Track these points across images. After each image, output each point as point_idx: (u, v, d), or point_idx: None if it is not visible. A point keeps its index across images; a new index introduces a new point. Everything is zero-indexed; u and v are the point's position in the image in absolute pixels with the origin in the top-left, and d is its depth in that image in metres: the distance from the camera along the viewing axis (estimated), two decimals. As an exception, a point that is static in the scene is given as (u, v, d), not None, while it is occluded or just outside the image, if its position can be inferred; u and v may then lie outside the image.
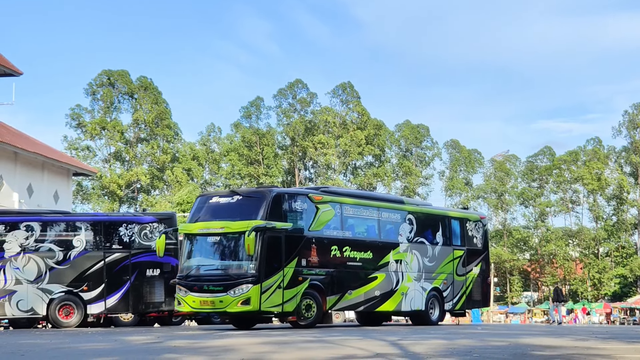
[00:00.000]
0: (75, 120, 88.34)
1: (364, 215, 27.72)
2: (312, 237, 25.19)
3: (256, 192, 25.45)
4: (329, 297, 25.48)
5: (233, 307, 23.44)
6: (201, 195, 26.49)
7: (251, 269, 23.48)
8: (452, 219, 31.20)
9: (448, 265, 30.17)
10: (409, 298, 28.30)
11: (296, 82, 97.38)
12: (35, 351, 13.61)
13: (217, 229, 24.00)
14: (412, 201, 32.93)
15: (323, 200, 25.94)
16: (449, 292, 30.15)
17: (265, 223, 23.55)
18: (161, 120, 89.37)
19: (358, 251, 26.77)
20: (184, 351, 13.37)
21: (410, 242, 28.71)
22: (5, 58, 62.21)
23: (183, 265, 24.74)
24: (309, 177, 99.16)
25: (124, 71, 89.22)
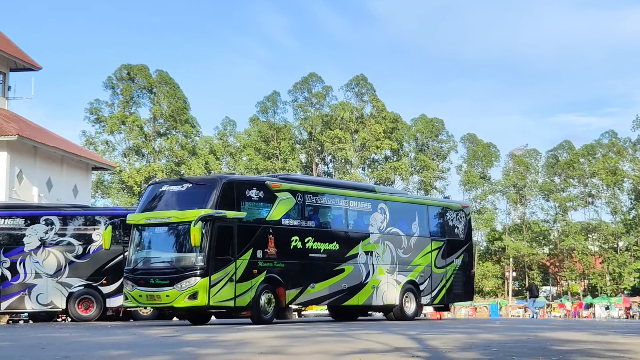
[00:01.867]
0: (94, 114, 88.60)
1: (329, 204, 26.16)
2: (269, 227, 23.75)
3: (206, 180, 24.41)
4: (288, 290, 24.07)
5: (180, 302, 22.18)
6: (152, 184, 25.07)
7: (199, 261, 22.12)
8: (430, 208, 29.73)
9: (426, 257, 28.57)
10: (381, 292, 26.82)
11: (310, 75, 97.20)
12: (55, 344, 13.67)
13: (164, 218, 22.84)
14: (385, 189, 31.49)
15: (282, 189, 24.47)
16: (427, 285, 28.52)
17: (213, 212, 22.20)
18: (179, 115, 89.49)
19: (322, 242, 25.29)
20: (202, 344, 13.40)
21: (382, 232, 27.16)
22: (24, 52, 62.46)
23: (130, 258, 23.48)
24: (327, 171, 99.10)
25: (143, 66, 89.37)
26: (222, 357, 10.71)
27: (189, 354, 11.26)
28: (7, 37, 62.49)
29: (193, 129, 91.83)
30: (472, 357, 10.68)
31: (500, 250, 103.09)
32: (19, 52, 61.87)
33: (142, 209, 23.66)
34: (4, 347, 13.02)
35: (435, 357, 10.80)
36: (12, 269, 27.47)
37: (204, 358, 10.57)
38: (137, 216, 23.58)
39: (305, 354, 11.30)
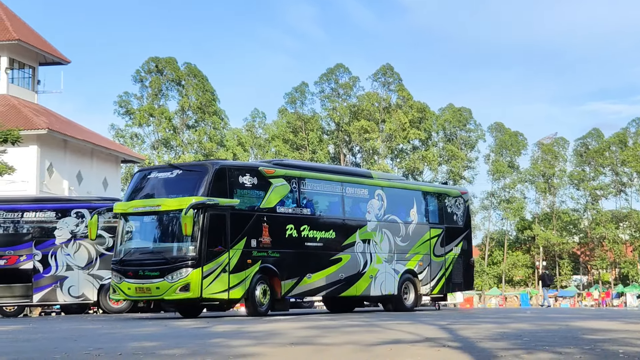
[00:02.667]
0: (123, 107, 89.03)
1: (325, 191, 25.15)
2: (264, 215, 22.76)
3: (197, 166, 23.51)
4: (284, 281, 23.10)
5: (171, 295, 21.21)
6: (139, 170, 23.99)
7: (191, 252, 21.16)
8: (428, 194, 28.78)
9: (424, 245, 27.53)
10: (379, 281, 25.82)
11: (337, 66, 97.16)
12: (87, 336, 13.76)
13: (153, 207, 21.77)
14: (382, 175, 30.18)
15: (276, 174, 23.45)
16: (426, 275, 27.48)
17: (205, 199, 21.20)
18: (208, 107, 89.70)
19: (318, 230, 24.35)
20: (232, 335, 13.44)
21: (379, 220, 26.20)
22: (53, 47, 62.85)
23: (118, 249, 22.44)
24: (355, 162, 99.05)
25: (172, 58, 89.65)
26: (253, 348, 10.74)
27: (219, 345, 11.30)
28: (36, 31, 62.89)
29: (221, 121, 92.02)
30: (504, 347, 10.65)
31: (530, 239, 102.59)
32: (48, 46, 62.27)
33: (130, 197, 22.72)
34: (37, 339, 13.13)
35: (466, 347, 10.78)
36: (44, 261, 27.67)
37: (235, 349, 10.60)
38: (124, 205, 22.62)
39: (336, 345, 11.31)
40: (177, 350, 10.36)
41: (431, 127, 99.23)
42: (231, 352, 10.14)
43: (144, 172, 23.24)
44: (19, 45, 58.04)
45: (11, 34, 57.69)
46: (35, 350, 10.48)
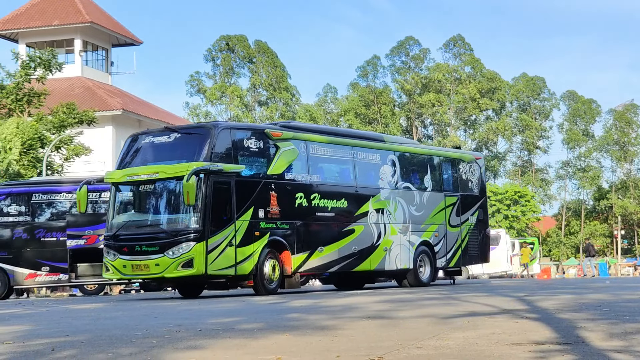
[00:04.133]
0: (195, 86, 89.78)
1: (336, 156, 23.28)
2: (272, 183, 20.98)
3: (198, 128, 21.40)
4: (294, 255, 21.34)
5: (172, 272, 19.38)
6: (132, 135, 21.82)
7: (193, 223, 19.37)
8: (442, 159, 26.77)
9: (439, 215, 25.82)
10: (394, 254, 24.05)
11: (407, 39, 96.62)
12: (168, 313, 13.97)
13: (150, 174, 19.89)
14: (394, 139, 27.95)
15: (284, 137, 21.55)
16: (442, 247, 25.68)
17: (209, 165, 19.36)
18: (279, 83, 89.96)
19: (329, 199, 22.57)
20: (308, 310, 13.52)
21: (393, 187, 24.45)
22: (125, 28, 63.58)
23: (111, 223, 20.58)
24: (428, 134, 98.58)
25: (242, 36, 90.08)
26: (330, 321, 10.79)
27: (297, 319, 11.38)
28: (107, 13, 63.62)
29: (293, 97, 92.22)
30: (583, 318, 10.53)
31: (607, 208, 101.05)
32: (121, 27, 63.01)
33: (122, 165, 20.90)
34: (119, 317, 13.37)
35: (545, 318, 10.68)
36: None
37: (312, 322, 10.67)
38: (116, 173, 20.73)
39: (412, 318, 11.30)
40: (256, 324, 10.45)
41: (504, 97, 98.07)
42: (309, 326, 10.21)
43: (138, 137, 21.26)
44: (92, 27, 58.84)
45: (84, 17, 58.50)
46: (117, 328, 10.67)
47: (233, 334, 9.41)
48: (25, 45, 58.58)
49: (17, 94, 42.71)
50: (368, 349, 7.89)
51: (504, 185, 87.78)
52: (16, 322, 12.60)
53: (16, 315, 14.82)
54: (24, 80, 42.46)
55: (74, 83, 57.12)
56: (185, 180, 18.65)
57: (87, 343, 8.70)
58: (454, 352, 7.62)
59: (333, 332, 9.55)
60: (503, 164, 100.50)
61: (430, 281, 25.21)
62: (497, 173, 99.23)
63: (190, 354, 7.78)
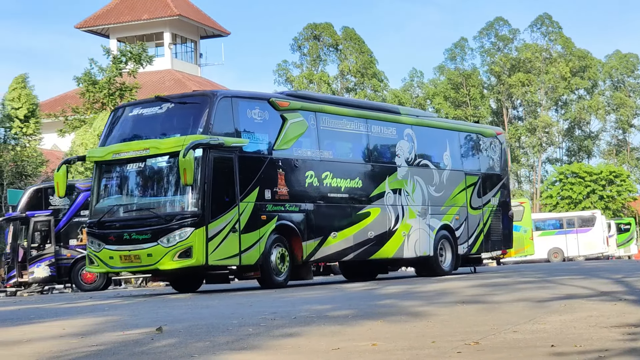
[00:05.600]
0: (283, 75, 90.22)
1: (349, 129, 21.03)
2: (279, 159, 18.75)
3: (194, 97, 18.83)
4: (305, 242, 19.12)
5: (167, 263, 17.02)
6: (118, 107, 19.45)
7: (191, 206, 17.07)
8: (461, 134, 24.47)
9: (460, 196, 23.63)
10: (413, 240, 21.91)
11: (496, 20, 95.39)
12: (262, 302, 14.11)
13: (139, 151, 17.54)
14: (409, 111, 25.39)
15: (291, 107, 19.31)
16: (463, 231, 23.52)
17: (208, 138, 17.01)
18: (367, 70, 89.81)
19: (343, 178, 20.35)
20: (402, 296, 13.50)
21: (410, 164, 22.20)
22: (213, 20, 64.23)
23: (95, 208, 18.28)
24: (518, 115, 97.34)
25: (328, 24, 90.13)
26: (424, 307, 10.77)
27: (390, 305, 11.39)
28: (195, 5, 64.32)
29: (381, 82, 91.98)
30: (683, 299, 10.31)
31: None
32: (208, 19, 63.67)
33: (107, 141, 18.54)
34: (214, 306, 13.55)
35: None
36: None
37: (406, 308, 10.66)
38: (101, 150, 18.38)
39: (507, 302, 11.20)
40: (349, 311, 10.49)
41: (596, 76, 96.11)
42: (402, 312, 10.20)
43: (125, 109, 18.95)
44: (180, 20, 59.62)
45: (172, 10, 59.28)
46: (213, 316, 10.82)
47: (327, 321, 9.46)
48: (116, 40, 59.66)
49: (110, 89, 43.50)
50: (463, 334, 7.86)
51: (598, 166, 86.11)
52: (115, 312, 12.87)
53: (115, 305, 15.13)
54: (116, 74, 43.21)
55: (164, 76, 57.95)
56: (182, 156, 16.30)
57: (185, 332, 8.84)
58: (551, 335, 7.54)
59: (427, 317, 9.53)
60: (597, 143, 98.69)
61: (452, 270, 23.15)
62: (591, 153, 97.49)
63: (285, 341, 7.85)
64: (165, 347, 7.69)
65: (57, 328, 10.00)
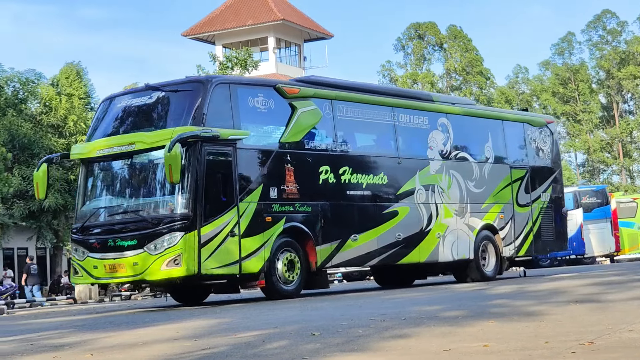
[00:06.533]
0: (387, 76, 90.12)
1: (372, 119, 19.03)
2: (287, 153, 16.88)
3: (186, 84, 16.58)
4: (320, 246, 17.18)
5: (155, 273, 15.14)
6: (107, 98, 17.58)
7: (181, 207, 15.25)
8: (506, 124, 22.52)
9: (505, 192, 21.62)
10: (449, 242, 19.95)
11: (604, 12, 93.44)
12: (371, 303, 14.12)
13: (125, 146, 15.80)
14: (446, 98, 23.16)
15: (302, 95, 17.42)
16: (509, 231, 21.47)
17: (199, 130, 15.20)
18: (472, 68, 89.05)
19: (364, 173, 18.42)
20: (513, 296, 13.32)
21: (445, 157, 20.28)
22: (316, 23, 64.55)
23: (80, 211, 16.65)
24: (629, 109, 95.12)
25: (432, 23, 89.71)
26: (536, 307, 10.61)
27: (501, 305, 11.26)
28: (298, 9, 64.77)
29: (487, 80, 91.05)
30: None
31: None
32: (312, 23, 64.05)
33: (94, 136, 16.95)
34: (323, 307, 13.60)
35: None
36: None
37: (518, 308, 10.53)
38: (85, 147, 16.80)
39: (621, 301, 10.94)
40: (459, 312, 10.40)
41: None
42: (514, 312, 10.07)
43: (113, 100, 17.15)
44: (284, 24, 60.12)
45: (276, 15, 59.81)
46: (323, 318, 10.86)
47: (437, 322, 9.40)
48: (222, 46, 60.48)
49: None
50: (577, 333, 7.71)
51: None
52: (226, 314, 13.03)
53: (226, 308, 15.32)
54: (223, 80, 43.76)
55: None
56: (167, 151, 14.54)
57: (296, 334, 8.89)
58: (669, 335, 7.34)
59: (540, 317, 9.38)
60: None
61: (496, 274, 21.20)
62: None
63: (396, 342, 7.82)
64: (277, 349, 7.75)
65: (170, 331, 10.18)
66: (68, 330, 11.60)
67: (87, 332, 10.99)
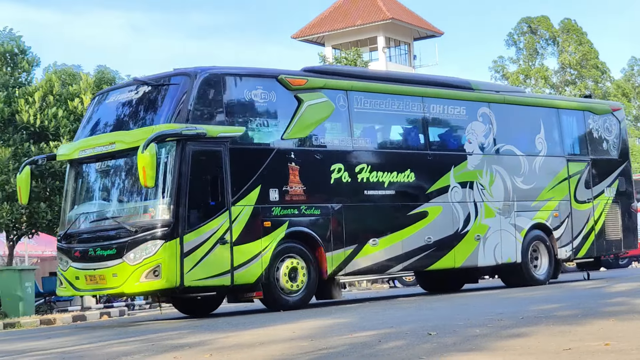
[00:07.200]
0: (500, 71, 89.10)
1: (396, 110, 17.42)
2: (291, 151, 15.47)
3: (173, 77, 15.08)
4: (331, 252, 15.73)
5: (132, 285, 13.96)
6: (98, 94, 16.63)
7: (162, 213, 13.98)
8: (563, 112, 20.43)
9: (560, 187, 19.72)
10: (492, 244, 18.24)
11: None
12: (486, 302, 14.04)
13: (105, 146, 14.68)
14: (488, 86, 21.00)
15: (309, 86, 15.93)
16: (565, 231, 19.61)
17: (181, 127, 13.97)
18: (587, 61, 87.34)
19: (387, 171, 16.80)
20: (633, 294, 13.08)
21: (487, 151, 18.59)
22: (426, 21, 64.31)
23: (66, 217, 15.48)
24: None
25: (545, 17, 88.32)
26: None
27: (621, 303, 11.07)
28: (408, 8, 64.63)
29: (603, 74, 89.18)
30: None
31: None
32: (421, 20, 63.82)
33: (81, 135, 15.92)
34: (438, 307, 13.57)
35: None
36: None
37: (636, 307, 10.31)
38: (69, 147, 15.82)
39: None
40: (577, 310, 10.24)
41: None
42: (635, 310, 9.87)
43: (103, 95, 16.14)
44: (393, 23, 60.07)
45: (385, 14, 59.81)
46: (438, 318, 10.83)
47: (555, 320, 9.27)
48: (331, 47, 60.74)
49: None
50: (702, 332, 7.52)
51: None
52: (342, 315, 13.08)
53: (342, 308, 15.38)
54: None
55: (380, 80, 58.48)
56: (140, 151, 13.40)
57: (411, 334, 8.88)
58: None
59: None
60: None
61: (550, 278, 19.45)
62: None
63: (514, 342, 7.75)
64: (393, 349, 7.76)
65: (287, 331, 10.28)
66: (187, 330, 11.83)
67: (206, 332, 11.19)
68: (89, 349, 9.99)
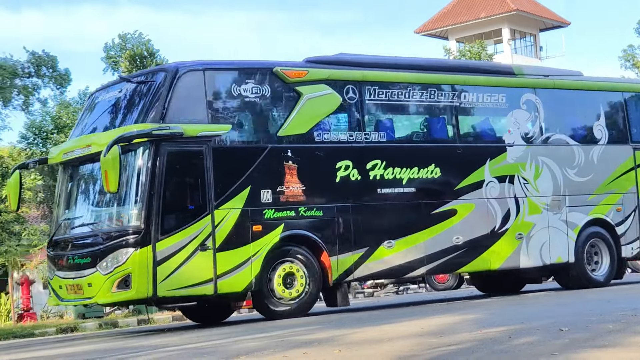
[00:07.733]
0: (630, 61, 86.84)
1: (417, 100, 15.93)
2: (288, 148, 14.26)
3: (152, 74, 14.47)
4: (336, 256, 14.45)
5: (104, 295, 13.10)
6: (92, 92, 16.00)
7: (133, 219, 13.09)
8: (627, 95, 18.46)
9: (625, 179, 17.76)
10: (537, 243, 16.48)
11: None
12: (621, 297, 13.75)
13: (83, 148, 13.90)
14: (534, 70, 18.71)
15: (310, 78, 14.72)
16: (630, 227, 17.63)
17: (153, 127, 13.04)
18: None
19: (405, 167, 15.33)
20: None
21: (532, 142, 16.90)
22: (551, 11, 63.20)
23: (55, 222, 14.95)
24: None
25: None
26: None
27: None
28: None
29: None
30: None
31: None
32: (547, 11, 62.75)
33: (70, 136, 15.64)
34: (569, 304, 13.37)
35: None
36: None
37: None
38: (58, 149, 15.15)
39: None
40: None
41: None
42: None
43: (92, 95, 15.61)
44: (518, 15, 59.27)
45: (509, 6, 59.06)
46: (569, 314, 10.68)
47: None
48: (455, 41, 60.27)
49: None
50: None
51: None
52: (471, 311, 13.00)
53: (471, 305, 15.28)
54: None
55: (505, 72, 57.79)
56: (103, 155, 12.52)
57: (542, 330, 8.76)
58: None
59: None
60: None
61: (610, 279, 17.58)
62: None
63: (649, 338, 7.57)
64: (524, 345, 7.66)
65: (415, 327, 10.26)
66: (315, 327, 11.91)
67: (334, 328, 11.25)
68: (221, 344, 10.17)
